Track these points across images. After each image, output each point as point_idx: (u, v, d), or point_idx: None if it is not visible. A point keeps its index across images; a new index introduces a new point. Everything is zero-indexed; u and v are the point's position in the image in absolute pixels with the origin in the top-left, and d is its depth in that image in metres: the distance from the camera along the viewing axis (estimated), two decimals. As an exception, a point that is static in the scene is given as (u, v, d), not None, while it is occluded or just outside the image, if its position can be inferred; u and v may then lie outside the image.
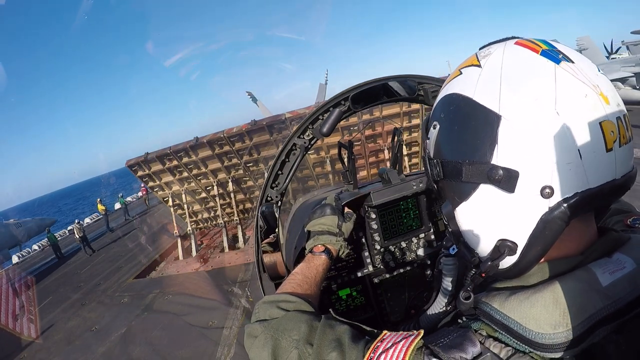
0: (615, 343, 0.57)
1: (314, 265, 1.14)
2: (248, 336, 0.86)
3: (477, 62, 0.69)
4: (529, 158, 0.59)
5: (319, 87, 19.32)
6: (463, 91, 0.68)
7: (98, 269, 13.88)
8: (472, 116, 0.65)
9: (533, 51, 0.64)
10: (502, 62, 0.65)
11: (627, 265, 0.61)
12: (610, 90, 0.62)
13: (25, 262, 18.82)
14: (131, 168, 11.28)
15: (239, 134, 10.22)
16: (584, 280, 0.60)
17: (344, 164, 1.86)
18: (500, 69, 0.64)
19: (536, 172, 0.59)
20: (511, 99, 0.61)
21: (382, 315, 1.83)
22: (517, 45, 0.67)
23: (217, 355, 6.47)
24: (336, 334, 0.76)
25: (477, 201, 0.66)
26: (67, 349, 8.37)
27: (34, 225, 21.67)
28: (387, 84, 1.57)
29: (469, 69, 0.70)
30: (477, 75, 0.67)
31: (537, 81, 0.61)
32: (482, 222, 0.67)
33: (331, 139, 9.28)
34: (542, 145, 0.58)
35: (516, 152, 0.60)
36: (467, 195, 0.67)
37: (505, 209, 0.63)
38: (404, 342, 0.63)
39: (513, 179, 0.60)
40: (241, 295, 8.49)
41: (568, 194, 0.59)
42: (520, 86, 0.61)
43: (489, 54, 0.68)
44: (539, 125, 0.59)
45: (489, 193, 0.64)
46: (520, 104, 0.60)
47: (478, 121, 0.64)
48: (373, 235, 1.77)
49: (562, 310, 0.58)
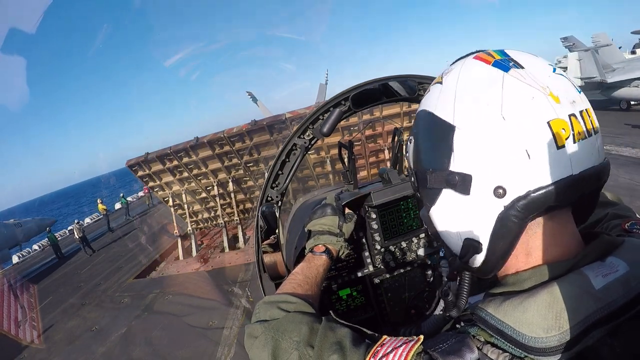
0: (609, 346, 0.57)
1: (315, 265, 1.14)
2: (248, 336, 0.86)
3: (440, 80, 0.75)
4: (479, 161, 0.64)
5: (319, 87, 19.33)
6: (428, 107, 0.74)
7: (98, 269, 13.88)
8: (433, 129, 0.72)
9: (486, 63, 0.69)
10: (457, 77, 0.71)
11: (620, 269, 0.61)
12: (563, 90, 0.64)
13: (25, 262, 18.83)
14: (131, 168, 11.28)
15: (239, 134, 10.23)
16: (577, 283, 0.60)
17: (344, 164, 1.86)
18: (456, 83, 0.70)
19: (487, 174, 0.64)
20: (462, 109, 0.67)
21: (382, 315, 1.82)
22: (474, 59, 0.72)
23: (217, 355, 6.47)
24: (337, 337, 0.76)
25: (442, 205, 0.72)
26: (67, 349, 8.37)
27: (34, 225, 21.68)
28: (387, 84, 1.57)
29: (434, 86, 0.76)
30: (438, 91, 0.73)
31: (485, 90, 0.66)
32: (449, 224, 0.72)
33: (331, 139, 9.28)
34: (491, 149, 0.63)
35: (468, 157, 0.65)
36: (434, 200, 0.73)
37: (465, 210, 0.68)
38: (403, 347, 0.64)
39: (467, 182, 0.66)
40: (241, 295, 8.50)
41: (520, 193, 0.62)
42: (470, 96, 0.67)
43: (450, 71, 0.74)
44: (487, 131, 0.63)
45: (450, 197, 0.70)
46: (470, 113, 0.65)
47: (437, 133, 0.70)
48: (373, 235, 1.77)
49: (555, 313, 0.58)
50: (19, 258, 19.38)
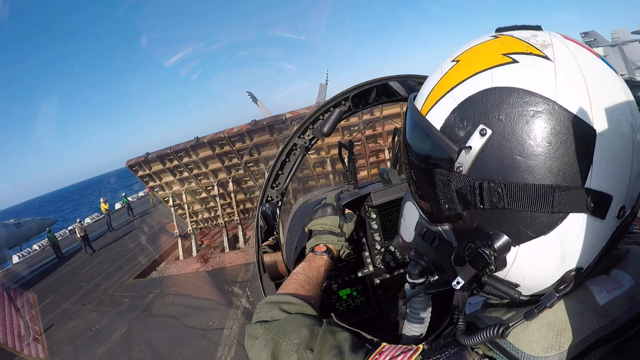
0: None
1: (316, 265, 1.13)
2: (249, 337, 0.86)
3: (538, 52, 0.55)
4: (618, 179, 0.54)
5: (319, 87, 19.29)
6: (537, 89, 0.52)
7: (98, 269, 13.88)
8: (560, 127, 0.51)
9: (594, 54, 0.57)
10: (576, 62, 0.54)
11: (625, 283, 0.60)
12: None
13: (25, 262, 18.83)
14: (132, 168, 11.28)
15: (240, 134, 10.24)
16: (580, 299, 0.59)
17: (344, 164, 1.86)
18: (580, 71, 0.53)
19: (620, 193, 0.54)
20: (601, 110, 0.52)
21: (382, 315, 1.82)
22: (571, 41, 0.58)
23: (217, 355, 6.47)
24: (337, 341, 0.75)
25: (561, 233, 0.54)
26: (67, 349, 8.38)
27: (34, 225, 21.72)
28: (387, 84, 1.57)
29: (528, 57, 0.55)
30: (550, 70, 0.53)
31: (615, 92, 0.55)
32: (558, 255, 0.56)
33: (331, 139, 9.27)
34: (627, 164, 0.54)
35: (609, 173, 0.53)
36: (551, 227, 0.54)
37: (588, 237, 0.55)
38: (402, 356, 0.63)
39: (606, 204, 0.53)
40: (241, 296, 8.49)
41: (628, 211, 0.56)
42: (607, 97, 0.54)
43: (549, 44, 0.56)
44: (625, 142, 0.53)
45: (577, 222, 0.54)
46: (610, 118, 0.52)
47: (570, 135, 0.51)
48: (373, 235, 1.77)
49: (555, 332, 0.56)
50: (19, 258, 19.37)
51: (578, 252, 0.55)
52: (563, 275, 0.57)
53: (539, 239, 0.55)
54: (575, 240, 0.54)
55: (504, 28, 0.63)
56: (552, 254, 0.56)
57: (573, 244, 0.55)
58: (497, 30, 0.64)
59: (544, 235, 0.54)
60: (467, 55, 0.62)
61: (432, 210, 0.67)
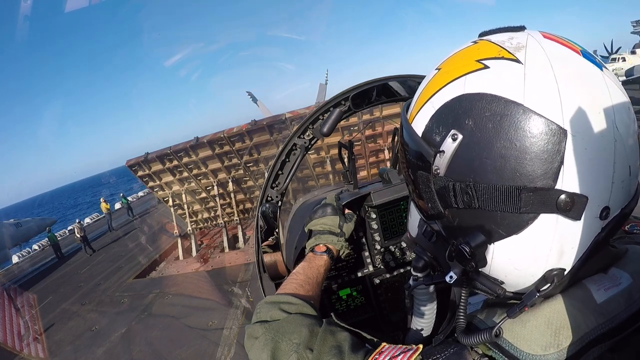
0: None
1: (316, 265, 1.13)
2: (249, 337, 0.86)
3: (510, 55, 0.56)
4: (593, 180, 0.53)
5: (319, 87, 19.29)
6: (504, 93, 0.54)
7: (98, 269, 13.88)
8: (527, 129, 0.52)
9: (573, 51, 0.56)
10: (548, 61, 0.54)
11: (623, 281, 0.60)
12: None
13: (25, 262, 18.82)
14: (131, 168, 11.28)
15: (239, 134, 10.25)
16: (578, 298, 0.59)
17: (344, 164, 1.86)
18: (551, 70, 0.53)
19: (600, 194, 0.53)
20: (573, 110, 0.51)
21: (382, 315, 1.82)
22: (550, 40, 0.57)
23: (217, 355, 6.47)
24: (337, 341, 0.75)
25: (533, 233, 0.55)
26: (67, 349, 8.37)
27: (34, 225, 21.71)
28: (387, 84, 1.57)
29: (499, 62, 0.56)
30: (519, 73, 0.54)
31: (593, 89, 0.54)
32: (532, 255, 0.57)
33: (331, 139, 9.27)
34: (604, 164, 0.52)
35: (583, 174, 0.52)
36: (522, 227, 0.55)
37: (564, 238, 0.55)
38: (402, 356, 0.63)
39: (581, 205, 0.53)
40: (241, 296, 8.49)
41: (616, 212, 0.56)
42: (580, 94, 0.52)
43: (522, 47, 0.56)
44: (604, 142, 0.52)
45: (550, 222, 0.54)
46: (582, 116, 0.51)
47: (538, 136, 0.52)
48: (373, 235, 1.77)
49: (553, 330, 0.57)
50: (19, 258, 19.36)
51: (556, 252, 0.56)
52: (544, 274, 0.58)
53: (511, 238, 0.57)
54: (551, 240, 0.55)
55: (486, 32, 0.65)
56: (526, 253, 0.57)
57: (549, 244, 0.55)
58: (480, 34, 0.66)
59: (515, 235, 0.56)
60: (447, 63, 0.65)
61: (423, 209, 0.69)
